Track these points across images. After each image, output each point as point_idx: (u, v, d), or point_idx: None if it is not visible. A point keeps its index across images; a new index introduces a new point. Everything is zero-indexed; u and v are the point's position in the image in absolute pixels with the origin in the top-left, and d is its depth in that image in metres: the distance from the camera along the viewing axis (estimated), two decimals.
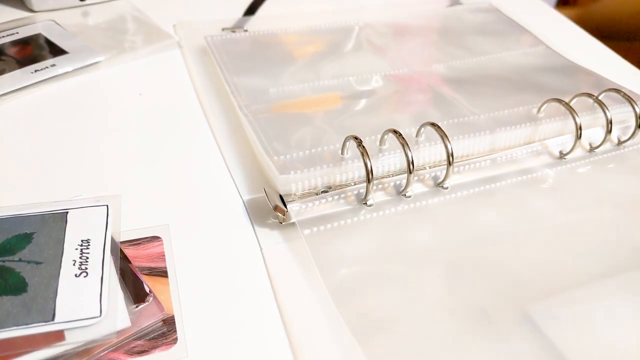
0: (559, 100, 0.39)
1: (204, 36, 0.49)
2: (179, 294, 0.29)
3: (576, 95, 0.40)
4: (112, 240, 0.30)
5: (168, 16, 0.54)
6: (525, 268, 0.31)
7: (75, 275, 0.27)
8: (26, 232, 0.29)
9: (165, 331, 0.27)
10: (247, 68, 0.45)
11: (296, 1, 0.59)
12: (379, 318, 0.28)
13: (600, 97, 0.39)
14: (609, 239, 0.33)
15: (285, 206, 0.32)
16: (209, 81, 0.46)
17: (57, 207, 0.31)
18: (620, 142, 0.40)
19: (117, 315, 0.26)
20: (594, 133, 0.40)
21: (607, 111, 0.38)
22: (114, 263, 0.28)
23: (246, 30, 0.51)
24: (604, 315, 0.29)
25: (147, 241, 0.31)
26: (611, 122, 0.38)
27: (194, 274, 0.30)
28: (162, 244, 0.31)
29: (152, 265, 0.30)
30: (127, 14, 0.54)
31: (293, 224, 0.32)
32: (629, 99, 0.39)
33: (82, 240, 0.29)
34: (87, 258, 0.28)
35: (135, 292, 0.27)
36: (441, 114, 0.40)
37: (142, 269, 0.29)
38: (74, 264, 0.28)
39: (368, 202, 0.34)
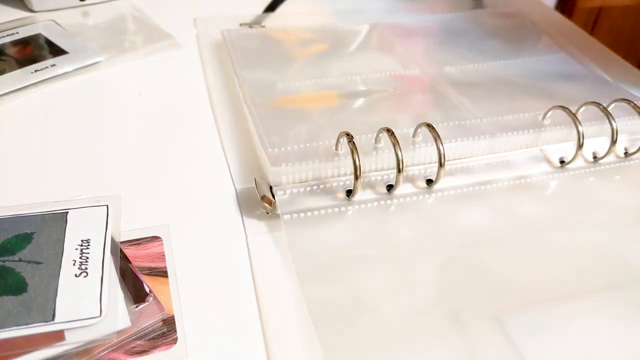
0: (564, 108, 0.38)
1: (220, 30, 0.49)
2: (179, 294, 0.29)
3: (584, 104, 0.39)
4: (112, 240, 0.30)
5: (168, 16, 0.54)
6: (506, 274, 0.31)
7: (75, 275, 0.27)
8: (26, 232, 0.29)
9: (165, 331, 0.27)
10: (258, 62, 0.45)
11: (316, 0, 0.59)
12: (345, 308, 0.28)
13: (610, 107, 0.38)
14: (598, 252, 0.33)
15: (274, 197, 0.33)
16: (222, 74, 0.46)
17: (57, 207, 0.31)
18: (627, 154, 0.39)
19: (117, 315, 0.26)
20: (600, 143, 0.39)
21: (612, 121, 0.37)
22: (114, 263, 0.28)
23: (263, 26, 0.51)
24: (577, 333, 0.28)
25: (147, 241, 0.31)
26: (617, 133, 0.37)
27: (194, 273, 0.30)
28: (162, 243, 0.31)
29: (152, 265, 0.30)
30: (127, 14, 0.54)
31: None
32: (639, 110, 0.38)
33: (82, 240, 0.29)
34: (87, 258, 0.28)
35: (135, 292, 0.27)
36: (443, 116, 0.40)
37: (142, 269, 0.29)
38: (74, 264, 0.28)
39: (355, 198, 0.34)
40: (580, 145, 0.37)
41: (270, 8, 0.56)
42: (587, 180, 0.38)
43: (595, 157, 0.39)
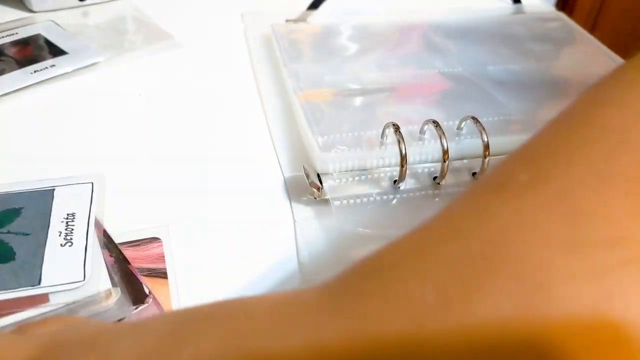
0: None
1: (270, 24, 0.51)
2: (179, 296, 0.28)
3: None
4: (96, 219, 0.31)
5: (169, 16, 0.53)
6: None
7: (61, 245, 0.29)
8: (15, 207, 0.31)
9: None
10: (305, 56, 0.47)
11: (361, 0, 0.59)
12: None
13: None
14: None
15: (322, 184, 0.34)
16: (269, 66, 0.47)
17: (45, 184, 0.33)
18: None
19: (99, 279, 0.28)
20: None
21: None
22: (98, 236, 0.30)
23: (308, 23, 0.53)
24: None
25: (146, 242, 0.31)
26: None
27: (194, 274, 0.30)
28: (162, 244, 0.31)
29: (152, 266, 0.30)
30: (127, 13, 0.54)
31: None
32: None
33: (67, 214, 0.31)
34: (72, 230, 0.30)
35: (135, 293, 0.28)
36: (487, 112, 0.40)
37: (141, 270, 0.29)
38: (59, 235, 0.29)
39: (400, 186, 0.35)
40: None
41: (314, 6, 0.57)
42: None
43: None
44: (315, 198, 0.34)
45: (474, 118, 0.35)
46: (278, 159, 0.38)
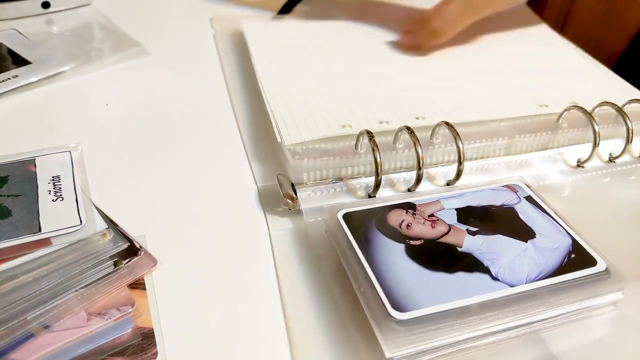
0: (580, 108, 0.38)
1: (243, 23, 0.50)
2: (158, 307, 0.28)
3: (600, 104, 0.39)
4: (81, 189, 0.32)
5: (136, 23, 0.53)
6: None
7: (53, 201, 0.31)
8: (1, 176, 0.32)
9: (145, 344, 0.26)
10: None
11: (333, 3, 0.59)
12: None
13: (625, 107, 0.38)
14: (612, 242, 0.33)
15: (296, 194, 0.33)
16: (240, 72, 0.47)
17: (25, 156, 0.35)
18: None
19: (95, 221, 0.30)
20: (616, 144, 0.39)
21: (628, 121, 0.37)
22: (85, 195, 0.32)
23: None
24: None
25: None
26: (632, 133, 0.37)
27: (172, 285, 0.29)
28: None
29: None
30: (92, 21, 0.53)
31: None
32: None
33: (52, 177, 0.33)
34: (61, 188, 0.32)
35: (127, 249, 0.29)
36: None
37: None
38: (49, 193, 0.31)
39: (376, 196, 0.34)
40: (597, 144, 0.37)
41: (284, 10, 0.56)
42: (604, 179, 0.38)
43: (611, 158, 0.39)
44: (290, 209, 0.33)
45: (447, 123, 0.35)
46: (251, 167, 0.37)
